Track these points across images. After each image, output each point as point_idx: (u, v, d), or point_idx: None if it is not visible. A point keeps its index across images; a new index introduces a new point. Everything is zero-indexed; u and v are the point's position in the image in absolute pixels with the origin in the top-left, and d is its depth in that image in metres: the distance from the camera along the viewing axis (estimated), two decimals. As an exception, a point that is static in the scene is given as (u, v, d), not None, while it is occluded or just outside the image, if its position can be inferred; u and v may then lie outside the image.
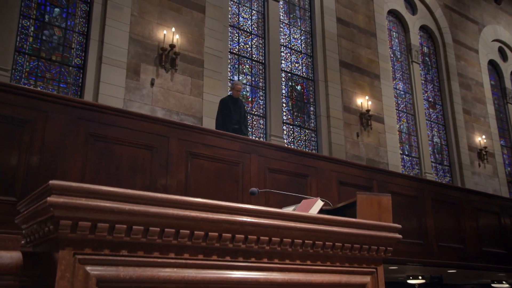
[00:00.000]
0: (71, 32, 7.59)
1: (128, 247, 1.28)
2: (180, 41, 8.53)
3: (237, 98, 7.03)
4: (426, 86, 13.53)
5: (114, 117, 3.89)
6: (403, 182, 5.96)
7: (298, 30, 10.82)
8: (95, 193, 1.23)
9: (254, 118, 9.57)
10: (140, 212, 1.29)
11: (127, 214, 1.26)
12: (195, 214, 1.38)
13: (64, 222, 1.17)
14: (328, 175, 5.18)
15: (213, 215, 1.42)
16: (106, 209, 1.22)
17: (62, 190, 1.17)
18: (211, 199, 4.29)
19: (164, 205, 1.34)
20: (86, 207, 1.19)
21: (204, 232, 1.40)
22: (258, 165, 4.70)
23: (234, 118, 6.76)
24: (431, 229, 6.06)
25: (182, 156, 4.23)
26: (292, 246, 1.58)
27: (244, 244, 1.48)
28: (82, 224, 1.19)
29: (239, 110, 6.95)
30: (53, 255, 1.19)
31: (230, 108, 6.76)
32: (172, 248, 1.36)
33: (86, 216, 1.20)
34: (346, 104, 10.64)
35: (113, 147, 3.85)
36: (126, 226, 1.27)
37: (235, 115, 6.81)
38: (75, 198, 1.18)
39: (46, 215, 1.20)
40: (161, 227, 1.33)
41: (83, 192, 1.20)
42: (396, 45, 13.07)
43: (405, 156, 12.05)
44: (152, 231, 1.32)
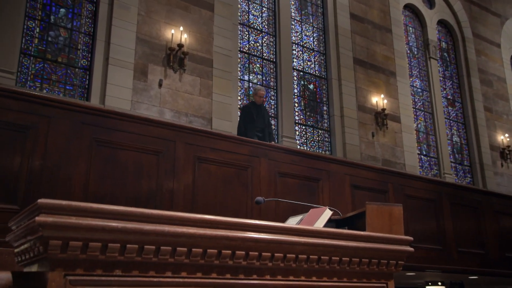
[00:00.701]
0: (77, 32, 7.64)
1: (122, 267, 1.27)
2: (189, 41, 8.54)
3: (260, 105, 6.87)
4: (444, 83, 13.36)
5: (118, 121, 3.90)
6: (420, 185, 5.88)
7: (310, 27, 10.76)
8: (86, 211, 1.21)
9: (265, 118, 9.53)
10: (134, 230, 1.27)
11: (120, 233, 1.25)
12: (193, 230, 1.36)
13: (54, 242, 1.15)
14: (341, 179, 5.13)
15: (211, 231, 1.39)
16: (98, 228, 1.21)
17: (51, 208, 1.15)
18: (219, 204, 4.28)
19: (159, 222, 1.32)
20: (76, 226, 1.18)
21: (202, 249, 1.38)
22: (268, 169, 4.67)
23: (258, 126, 6.63)
24: (449, 233, 5.97)
25: (189, 160, 4.22)
26: (296, 262, 1.55)
27: (245, 261, 1.45)
28: (73, 244, 1.18)
29: (263, 117, 6.82)
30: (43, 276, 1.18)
31: (253, 115, 6.61)
32: (168, 266, 1.34)
33: (77, 235, 1.18)
34: (360, 103, 10.56)
35: (118, 152, 3.85)
36: (119, 245, 1.25)
37: (259, 122, 6.68)
38: (65, 217, 1.17)
39: (35, 235, 1.19)
40: (156, 245, 1.31)
41: (73, 211, 1.19)
42: (412, 40, 12.94)
43: (423, 157, 11.91)
44: (147, 249, 1.30)
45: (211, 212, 4.24)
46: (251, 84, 9.52)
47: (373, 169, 5.58)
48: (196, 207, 4.17)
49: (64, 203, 1.17)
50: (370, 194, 5.33)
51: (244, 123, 6.69)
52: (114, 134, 3.86)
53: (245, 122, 6.69)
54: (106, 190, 3.73)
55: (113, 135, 3.85)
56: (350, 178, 5.21)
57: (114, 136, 3.85)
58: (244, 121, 6.73)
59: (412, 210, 5.64)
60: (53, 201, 1.16)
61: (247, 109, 6.85)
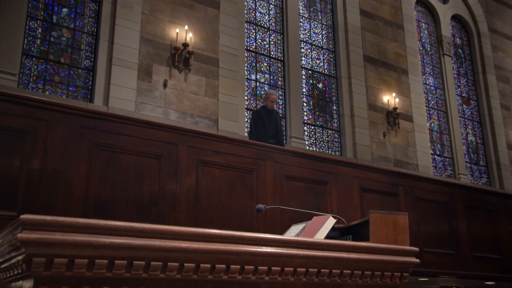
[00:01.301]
0: (79, 33, 7.68)
1: (111, 283, 1.25)
2: (194, 40, 8.54)
3: (272, 109, 6.74)
4: (459, 80, 13.24)
5: (119, 124, 3.90)
6: (432, 187, 5.81)
7: (319, 24, 10.71)
8: (72, 227, 1.20)
9: (273, 118, 9.49)
10: (122, 245, 1.25)
11: (108, 248, 1.23)
12: (185, 245, 1.34)
13: (37, 259, 1.14)
14: (350, 181, 5.09)
15: (205, 245, 1.37)
16: (84, 244, 1.19)
17: (34, 224, 1.14)
18: (223, 209, 4.26)
19: (149, 237, 1.30)
20: (62, 242, 1.16)
21: (195, 263, 1.36)
22: (274, 172, 4.64)
23: (270, 132, 6.49)
24: (464, 237, 5.89)
25: (192, 164, 4.21)
26: (295, 276, 1.53)
27: (240, 275, 1.43)
28: (58, 261, 1.16)
29: (274, 122, 6.68)
30: (28, 293, 1.17)
31: (264, 120, 6.47)
32: (160, 282, 1.32)
33: (62, 252, 1.17)
34: (371, 102, 10.49)
35: (118, 156, 3.85)
36: (107, 261, 1.24)
37: (270, 128, 6.55)
38: (50, 233, 1.15)
39: (18, 252, 1.17)
40: (147, 260, 1.29)
41: (58, 226, 1.17)
42: (425, 37, 12.83)
43: (437, 157, 11.81)
44: (137, 265, 1.28)
45: (214, 217, 4.23)
46: (258, 83, 9.50)
47: (383, 171, 5.52)
48: (199, 211, 4.16)
49: (49, 218, 1.15)
50: (380, 197, 5.28)
51: (256, 129, 6.53)
52: (114, 137, 3.86)
53: (256, 127, 6.53)
54: (107, 195, 3.73)
55: (113, 138, 3.85)
56: (359, 181, 5.17)
57: (115, 139, 3.85)
58: (255, 127, 6.56)
59: (423, 214, 5.58)
60: (36, 217, 1.14)
61: (258, 114, 6.71)
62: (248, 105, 9.24)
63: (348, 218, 5.08)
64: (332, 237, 2.23)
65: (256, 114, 6.75)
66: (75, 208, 3.51)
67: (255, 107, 9.30)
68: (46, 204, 3.40)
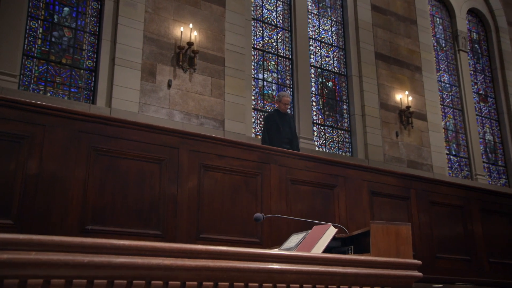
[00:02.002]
0: (81, 32, 7.70)
1: (90, 304, 1.22)
2: (199, 38, 8.53)
3: (285, 113, 6.55)
4: (475, 77, 13.09)
5: (118, 128, 3.89)
6: (446, 190, 5.73)
7: (329, 21, 10.65)
8: (48, 245, 1.17)
9: (281, 119, 9.46)
10: (102, 263, 1.23)
11: (87, 267, 1.20)
12: (169, 261, 1.31)
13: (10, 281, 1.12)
14: (359, 185, 5.04)
15: (190, 262, 1.34)
16: (60, 263, 1.17)
17: (7, 244, 1.12)
18: (226, 214, 4.23)
19: (131, 254, 1.28)
20: (36, 262, 1.14)
21: (180, 281, 1.33)
22: (279, 176, 4.61)
23: (284, 136, 6.29)
24: (480, 242, 5.80)
25: (193, 168, 4.19)
26: (288, 292, 1.49)
27: (229, 293, 1.39)
28: (32, 282, 1.14)
29: (288, 126, 6.47)
30: (3, 315, 1.15)
31: (278, 124, 6.27)
32: (143, 301, 1.29)
33: (37, 272, 1.14)
34: (383, 100, 10.42)
35: (117, 161, 3.84)
36: (86, 280, 1.21)
37: (285, 132, 6.34)
38: (24, 253, 1.13)
39: (-10, 273, 1.15)
40: (128, 279, 1.26)
41: (33, 245, 1.15)
42: (440, 32, 12.71)
43: (452, 157, 11.70)
44: (117, 284, 1.25)
45: (217, 223, 4.20)
46: (265, 83, 9.47)
47: (394, 174, 5.46)
48: (201, 217, 4.14)
49: (22, 237, 1.13)
50: (391, 201, 5.22)
51: (269, 134, 6.31)
52: (113, 142, 3.85)
53: (269, 133, 6.31)
54: (106, 201, 3.72)
55: (112, 143, 3.84)
56: (369, 184, 5.11)
57: (114, 144, 3.84)
58: (268, 132, 6.34)
59: (437, 218, 5.51)
60: (9, 236, 1.12)
61: (271, 118, 6.47)
62: (255, 105, 9.22)
63: (357, 223, 5.04)
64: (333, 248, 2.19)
65: (268, 119, 6.53)
66: (73, 215, 3.51)
67: (262, 107, 9.28)
68: (42, 211, 3.39)
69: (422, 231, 5.34)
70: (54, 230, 3.40)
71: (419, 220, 5.35)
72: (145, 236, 3.81)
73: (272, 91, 9.51)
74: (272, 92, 9.50)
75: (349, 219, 4.89)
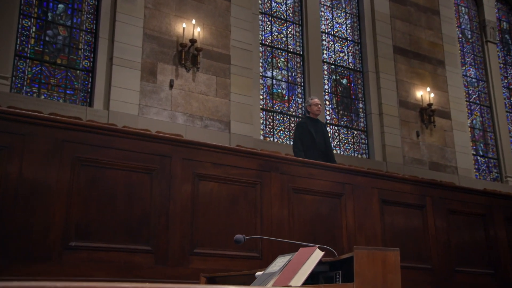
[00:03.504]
0: (77, 30, 7.74)
1: None
2: (202, 35, 8.51)
3: (317, 119, 6.33)
4: (505, 71, 12.87)
5: (104, 137, 3.85)
6: (466, 197, 5.59)
7: (343, 13, 10.57)
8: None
9: (292, 119, 9.41)
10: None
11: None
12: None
13: None
14: (368, 193, 4.94)
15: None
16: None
17: None
18: (223, 227, 4.19)
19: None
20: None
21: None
22: (280, 185, 4.53)
23: (319, 147, 6.03)
24: (505, 254, 5.65)
25: (187, 178, 4.14)
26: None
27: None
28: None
29: (322, 133, 6.22)
30: None
31: (311, 133, 6.02)
32: None
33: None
34: (402, 98, 10.31)
35: (104, 172, 3.81)
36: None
37: (320, 142, 6.09)
38: None
39: None
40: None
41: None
42: (465, 22, 12.51)
43: (480, 158, 11.51)
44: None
45: (213, 237, 4.16)
46: (274, 81, 9.41)
47: (407, 181, 5.34)
48: (195, 231, 4.10)
49: None
50: (404, 210, 5.11)
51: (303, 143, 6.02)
52: (100, 151, 3.82)
53: (303, 143, 6.03)
54: (92, 215, 3.69)
55: (98, 152, 3.81)
56: (379, 192, 5.00)
57: (100, 154, 3.81)
58: (301, 140, 6.05)
59: (456, 228, 5.38)
60: None
61: (304, 126, 6.17)
62: (264, 105, 9.17)
63: (366, 235, 4.95)
64: (320, 272, 2.12)
65: (301, 126, 6.20)
66: (55, 231, 3.48)
67: (271, 108, 9.22)
68: (22, 227, 3.38)
69: (439, 242, 5.22)
70: (35, 248, 3.39)
71: (436, 231, 5.23)
72: (134, 252, 3.78)
73: (281, 90, 9.45)
74: (282, 91, 9.44)
75: (358, 230, 4.80)
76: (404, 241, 5.04)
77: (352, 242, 4.78)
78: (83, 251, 3.58)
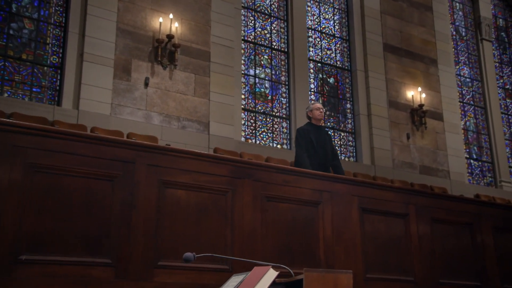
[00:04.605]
0: (45, 24, 7.66)
1: None
2: (180, 30, 8.45)
3: (320, 126, 6.17)
4: (501, 70, 12.92)
5: (62, 141, 3.75)
6: (452, 205, 5.55)
7: (330, 9, 10.59)
8: None
9: (276, 120, 9.37)
10: None
11: None
12: None
13: None
14: (348, 201, 4.88)
15: None
16: None
17: None
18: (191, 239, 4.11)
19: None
20: None
21: None
22: (253, 193, 4.46)
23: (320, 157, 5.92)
24: (492, 266, 5.62)
25: (152, 186, 4.06)
26: None
27: None
28: None
29: (323, 142, 6.05)
30: None
31: (312, 140, 5.89)
32: None
33: None
34: (392, 98, 10.34)
35: (61, 179, 3.71)
36: None
37: (320, 150, 5.96)
38: None
39: None
40: None
41: None
42: (460, 19, 12.54)
43: (473, 161, 11.54)
44: None
45: (180, 249, 4.08)
46: (257, 80, 9.36)
47: (389, 188, 5.30)
48: (161, 243, 4.01)
49: None
50: (385, 219, 5.06)
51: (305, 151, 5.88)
52: (56, 157, 3.73)
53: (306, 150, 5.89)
54: (46, 226, 3.60)
55: (54, 158, 3.71)
56: (359, 200, 4.95)
57: (56, 159, 3.72)
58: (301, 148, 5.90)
59: (440, 238, 5.34)
60: None
61: (306, 133, 5.99)
62: (246, 105, 9.12)
63: (345, 246, 4.90)
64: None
65: (302, 133, 6.02)
66: (4, 245, 3.38)
67: (253, 108, 9.16)
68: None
69: (422, 253, 5.18)
70: (-19, 262, 3.30)
71: (419, 241, 5.19)
72: (92, 266, 3.69)
73: (265, 89, 9.41)
74: (265, 90, 9.40)
75: (336, 241, 4.74)
76: (386, 252, 5.00)
77: (330, 254, 4.74)
78: (36, 265, 3.49)
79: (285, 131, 9.36)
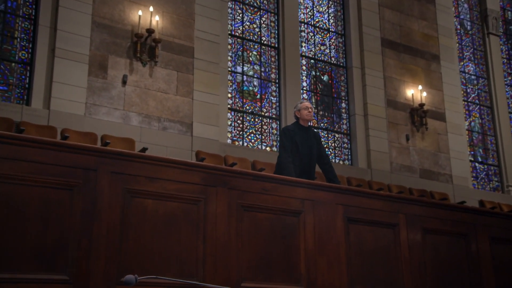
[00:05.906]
0: (13, 16, 7.63)
1: None
2: (162, 24, 8.42)
3: (308, 127, 5.97)
4: (509, 66, 12.93)
5: (13, 147, 3.69)
6: (446, 214, 5.52)
7: (325, 1, 10.72)
8: None
9: (265, 121, 9.33)
10: None
11: None
12: None
13: None
14: (331, 210, 4.82)
15: None
16: None
17: None
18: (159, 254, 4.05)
19: None
20: None
21: None
22: (228, 202, 4.40)
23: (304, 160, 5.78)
24: (489, 280, 5.58)
25: (116, 195, 3.99)
26: None
27: None
28: None
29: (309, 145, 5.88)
30: None
31: (296, 142, 5.75)
32: None
33: None
34: (391, 97, 10.35)
35: (14, 189, 3.65)
36: None
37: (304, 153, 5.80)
38: None
39: None
40: None
41: None
42: (465, 12, 12.53)
43: (478, 164, 11.51)
44: None
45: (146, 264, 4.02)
46: (245, 77, 9.33)
47: (377, 196, 5.25)
48: (125, 257, 3.95)
49: None
50: (373, 230, 5.01)
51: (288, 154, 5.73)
52: (8, 164, 3.66)
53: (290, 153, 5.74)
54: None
55: (6, 165, 3.65)
56: (344, 209, 4.89)
57: (8, 167, 3.65)
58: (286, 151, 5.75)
59: (433, 249, 5.30)
60: None
61: (289, 133, 5.84)
62: (232, 104, 9.10)
63: (328, 259, 4.84)
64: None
65: (286, 134, 5.86)
66: None
67: (241, 107, 9.12)
68: None
69: (413, 265, 5.13)
70: None
71: (410, 252, 5.14)
72: (48, 283, 3.63)
73: (253, 88, 9.38)
74: (254, 89, 9.36)
75: (318, 253, 4.68)
76: (373, 265, 4.96)
77: (312, 267, 4.69)
78: (-18, 282, 3.44)
79: (275, 132, 9.33)
